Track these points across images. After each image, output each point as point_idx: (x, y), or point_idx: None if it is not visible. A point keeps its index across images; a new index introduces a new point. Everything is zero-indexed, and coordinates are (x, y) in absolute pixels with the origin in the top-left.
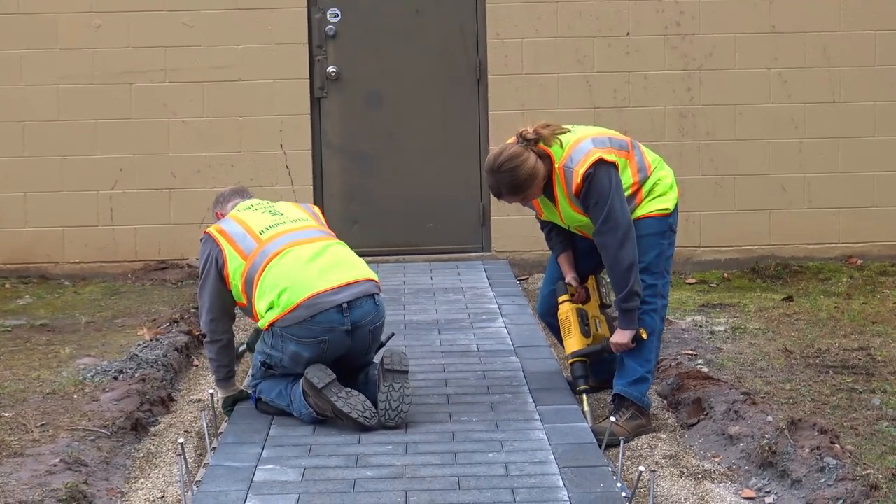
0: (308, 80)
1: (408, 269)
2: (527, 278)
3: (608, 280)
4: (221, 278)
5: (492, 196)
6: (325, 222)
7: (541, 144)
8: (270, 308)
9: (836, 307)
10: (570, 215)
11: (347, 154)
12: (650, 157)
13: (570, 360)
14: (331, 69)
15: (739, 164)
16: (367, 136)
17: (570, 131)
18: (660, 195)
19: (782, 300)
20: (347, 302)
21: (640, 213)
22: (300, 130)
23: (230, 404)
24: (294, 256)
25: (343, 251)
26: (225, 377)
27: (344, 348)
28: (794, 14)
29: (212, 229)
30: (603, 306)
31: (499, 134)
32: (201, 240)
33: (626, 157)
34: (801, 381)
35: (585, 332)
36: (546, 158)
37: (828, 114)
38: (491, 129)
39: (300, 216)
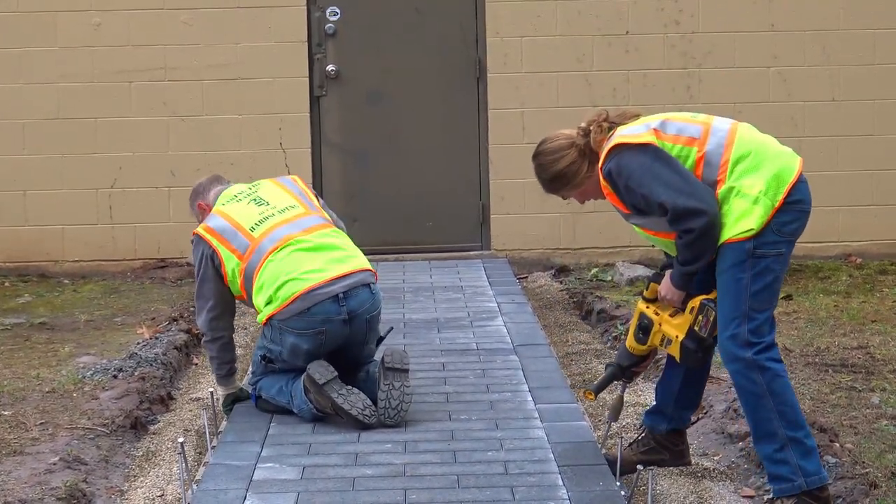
0: (307, 79)
1: (407, 267)
2: (526, 277)
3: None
4: (219, 276)
5: (491, 194)
6: (308, 194)
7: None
8: (269, 302)
9: (835, 306)
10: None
11: (347, 152)
12: (738, 151)
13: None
14: (330, 67)
15: None
16: (366, 135)
17: (632, 121)
18: (739, 215)
19: (781, 299)
20: (343, 292)
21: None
22: (299, 129)
23: (230, 403)
24: (290, 251)
25: (338, 239)
26: (227, 374)
27: (342, 338)
28: (794, 12)
29: (200, 230)
30: (696, 336)
31: (498, 132)
32: (192, 241)
33: (686, 143)
34: (801, 379)
35: (639, 339)
36: (595, 163)
37: (827, 112)
38: (490, 127)
39: (288, 203)
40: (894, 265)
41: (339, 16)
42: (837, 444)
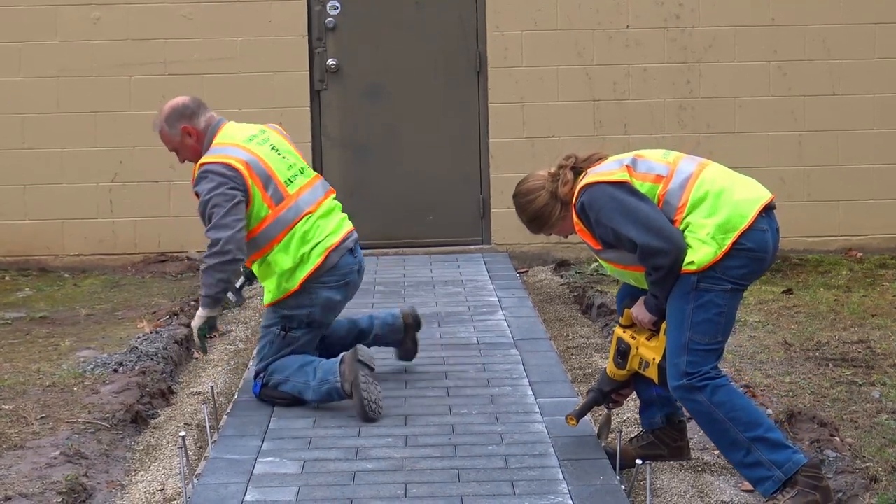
0: (308, 73)
1: (408, 261)
2: (527, 271)
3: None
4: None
5: (491, 188)
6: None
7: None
8: (300, 263)
9: (835, 300)
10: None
11: (347, 147)
12: (696, 195)
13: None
14: (330, 61)
15: (739, 157)
16: (366, 129)
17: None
18: (689, 250)
19: (782, 293)
20: (351, 247)
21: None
22: (300, 123)
23: (207, 329)
24: (317, 216)
25: (338, 203)
26: (222, 295)
27: (356, 288)
28: (794, 6)
29: (233, 162)
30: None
31: (499, 126)
32: (209, 170)
33: (654, 181)
34: (801, 373)
35: (618, 364)
36: (568, 204)
37: (827, 106)
38: (491, 121)
39: (300, 162)
40: (895, 259)
41: (339, 10)
42: (838, 439)
